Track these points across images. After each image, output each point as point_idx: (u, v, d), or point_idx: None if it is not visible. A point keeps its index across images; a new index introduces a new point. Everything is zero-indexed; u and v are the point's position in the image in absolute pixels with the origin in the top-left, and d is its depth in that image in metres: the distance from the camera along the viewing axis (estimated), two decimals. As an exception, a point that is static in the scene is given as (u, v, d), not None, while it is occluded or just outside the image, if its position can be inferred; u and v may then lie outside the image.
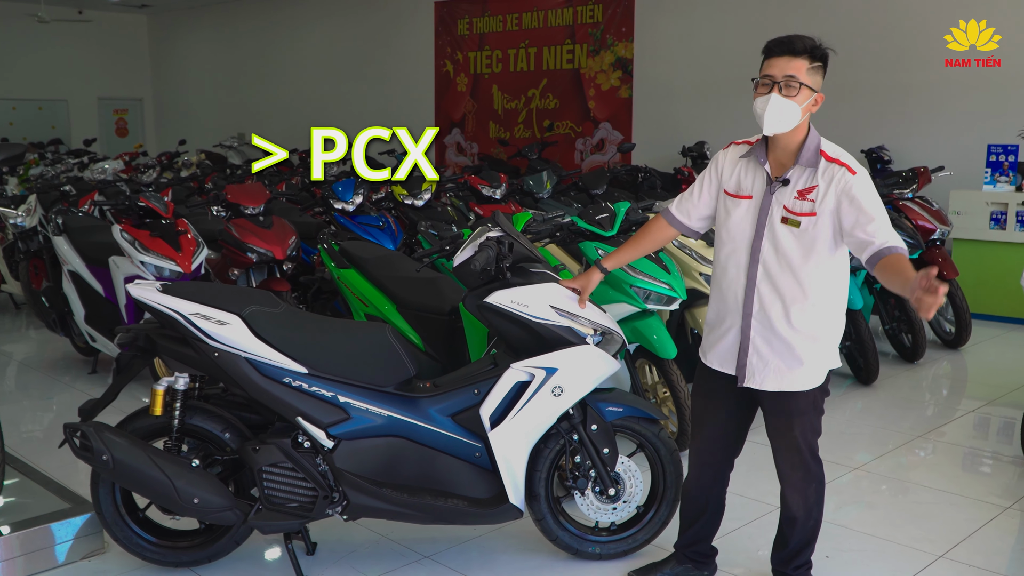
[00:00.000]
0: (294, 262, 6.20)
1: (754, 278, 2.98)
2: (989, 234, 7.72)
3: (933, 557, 3.66)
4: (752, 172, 3.03)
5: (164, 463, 3.22)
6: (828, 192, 2.86)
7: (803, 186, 2.91)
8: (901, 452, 4.90)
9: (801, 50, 2.87)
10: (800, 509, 3.14)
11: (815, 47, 2.90)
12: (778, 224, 2.93)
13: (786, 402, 3.04)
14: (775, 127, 2.89)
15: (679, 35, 11.07)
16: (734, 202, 3.05)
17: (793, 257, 2.92)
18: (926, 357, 6.58)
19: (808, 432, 3.06)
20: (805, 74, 2.87)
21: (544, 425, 3.36)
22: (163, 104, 19.63)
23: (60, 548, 3.67)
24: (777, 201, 2.94)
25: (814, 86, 2.90)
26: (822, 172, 2.88)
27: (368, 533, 3.85)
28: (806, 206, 2.89)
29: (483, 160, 12.44)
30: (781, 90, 2.86)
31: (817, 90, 2.91)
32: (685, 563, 3.46)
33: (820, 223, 2.88)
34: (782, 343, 2.97)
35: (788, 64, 2.87)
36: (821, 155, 2.91)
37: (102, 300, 6.08)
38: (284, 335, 3.29)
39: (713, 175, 3.16)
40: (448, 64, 13.76)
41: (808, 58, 2.88)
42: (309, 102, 15.97)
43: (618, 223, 4.74)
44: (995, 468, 4.74)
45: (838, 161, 2.89)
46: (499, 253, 3.33)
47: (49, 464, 4.50)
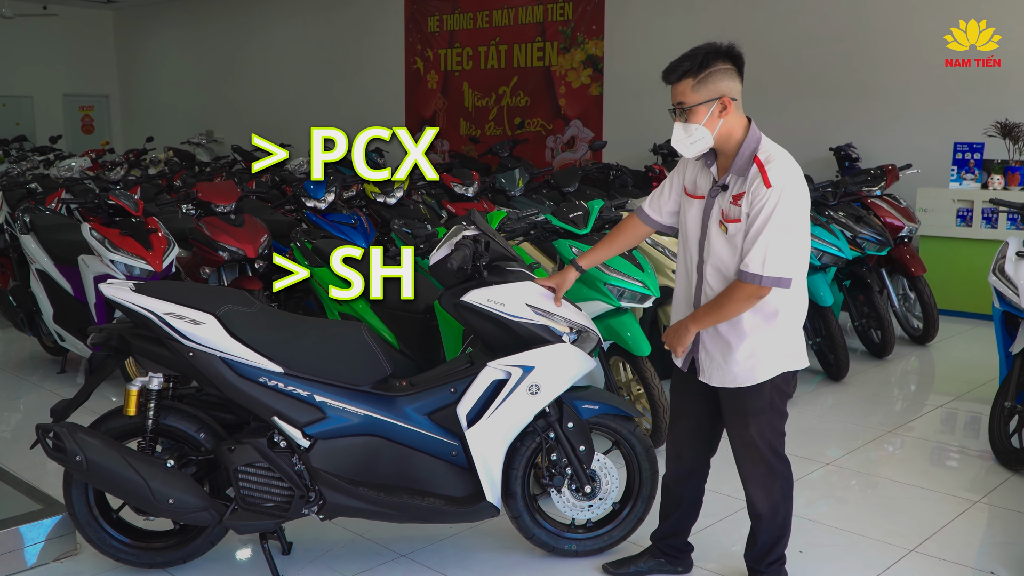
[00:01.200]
0: (266, 260, 6.16)
1: (703, 275, 3.07)
2: (956, 231, 7.84)
3: (904, 551, 3.71)
4: (704, 174, 3.11)
5: (138, 464, 3.19)
6: (749, 199, 2.91)
7: (736, 191, 2.96)
8: (871, 447, 4.96)
9: (679, 75, 2.93)
10: (765, 506, 3.16)
11: (692, 65, 2.90)
12: (716, 226, 3.01)
13: (739, 400, 3.08)
14: (687, 151, 3.01)
15: (649, 33, 11.11)
16: (688, 201, 3.15)
17: (727, 258, 2.99)
18: (895, 353, 6.67)
19: (767, 431, 3.08)
20: (691, 94, 2.91)
21: (521, 423, 3.37)
22: (130, 100, 19.39)
23: (31, 550, 3.62)
24: (717, 204, 3.02)
25: (709, 96, 2.91)
26: (751, 179, 2.92)
27: (344, 532, 3.84)
28: (735, 211, 2.95)
29: (454, 158, 12.41)
30: (680, 116, 2.95)
31: (716, 98, 2.91)
32: (659, 557, 3.49)
33: (743, 228, 2.93)
34: (722, 340, 3.05)
35: (675, 91, 2.96)
36: (754, 162, 2.93)
37: (71, 299, 6.01)
38: (259, 334, 3.27)
39: (679, 173, 3.25)
40: (418, 61, 13.72)
41: (690, 77, 2.91)
42: (279, 99, 15.86)
43: (592, 221, 4.76)
44: (963, 463, 4.82)
45: (762, 170, 2.89)
46: (475, 252, 3.33)
47: (18, 465, 4.45)
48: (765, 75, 9.99)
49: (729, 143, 2.98)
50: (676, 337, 3.10)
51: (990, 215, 7.69)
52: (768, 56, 9.99)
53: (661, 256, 5.06)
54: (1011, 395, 4.60)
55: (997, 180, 7.71)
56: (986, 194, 7.70)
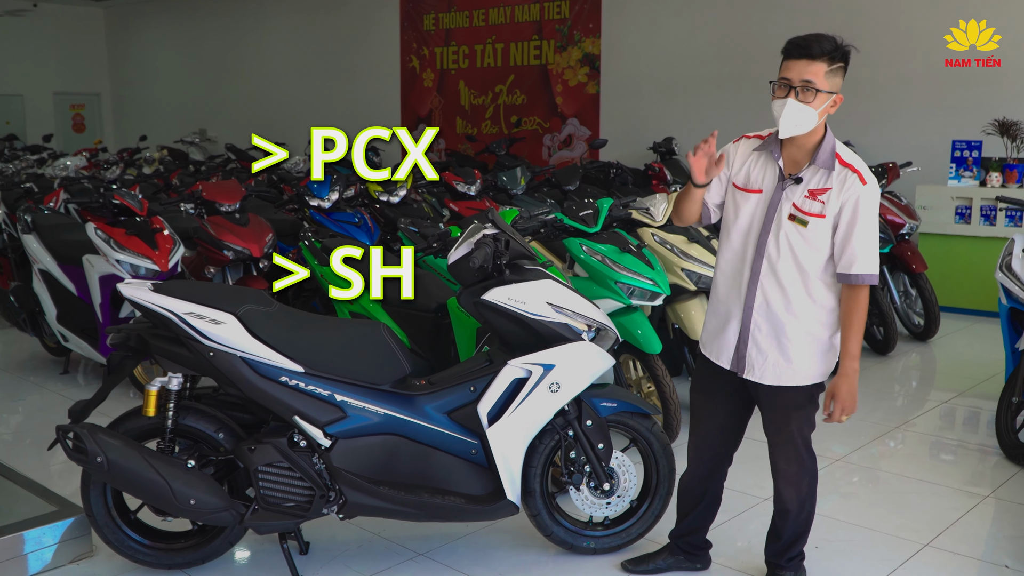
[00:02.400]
0: (270, 259, 6.14)
1: (758, 272, 3.00)
2: (954, 228, 7.89)
3: (919, 546, 3.74)
4: (763, 166, 3.04)
5: (160, 464, 3.18)
6: (838, 196, 2.89)
7: (815, 186, 2.93)
8: (877, 443, 4.99)
9: (819, 53, 2.86)
10: (793, 503, 3.19)
11: (835, 48, 2.87)
12: (785, 220, 2.95)
13: (783, 397, 3.08)
14: (791, 131, 2.91)
15: (646, 31, 11.13)
16: (743, 196, 3.06)
17: (799, 254, 2.94)
18: (896, 350, 6.70)
19: (804, 426, 3.11)
20: (823, 78, 2.86)
21: (541, 421, 3.37)
22: (121, 99, 19.29)
23: (46, 552, 3.61)
24: (787, 198, 2.96)
25: (833, 88, 2.89)
26: (836, 175, 2.90)
27: (359, 531, 3.84)
28: (816, 207, 2.91)
29: (450, 156, 12.40)
30: (798, 94, 2.86)
31: (836, 92, 2.90)
32: (678, 555, 3.50)
33: (826, 225, 2.91)
34: (783, 338, 3.00)
35: (806, 68, 2.86)
36: (836, 158, 2.92)
37: (74, 299, 5.98)
38: (280, 334, 3.27)
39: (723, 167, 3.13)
40: (414, 60, 13.71)
41: (827, 60, 2.86)
42: (273, 97, 15.81)
43: (601, 219, 4.77)
44: (969, 458, 4.85)
45: (851, 167, 2.90)
46: (496, 250, 3.34)
47: (25, 467, 4.42)
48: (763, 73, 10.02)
49: (812, 138, 2.95)
50: (849, 395, 2.96)
51: (989, 212, 7.74)
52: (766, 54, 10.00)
53: (669, 254, 5.07)
54: (1018, 390, 4.63)
55: (995, 178, 7.75)
56: (984, 192, 7.76)
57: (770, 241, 2.98)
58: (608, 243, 4.71)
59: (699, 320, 4.97)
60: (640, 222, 5.11)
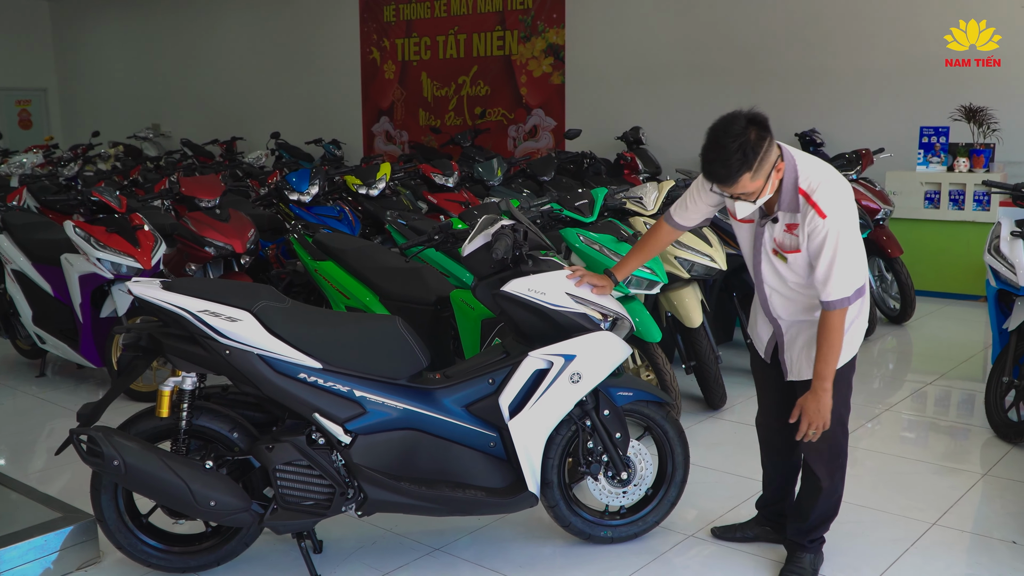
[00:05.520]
0: (252, 255, 6.04)
1: (764, 293, 3.17)
2: (924, 213, 8.04)
3: (927, 524, 3.80)
4: None
5: (178, 466, 3.11)
6: (805, 230, 2.94)
7: (789, 221, 2.99)
8: (868, 426, 5.06)
9: (737, 175, 2.80)
10: (826, 481, 3.24)
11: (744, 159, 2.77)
12: (769, 255, 3.08)
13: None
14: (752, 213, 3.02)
15: (610, 21, 11.15)
16: (737, 224, 3.17)
17: (789, 280, 3.08)
18: (875, 333, 6.81)
19: (839, 404, 3.14)
20: (751, 184, 2.84)
21: (562, 412, 3.36)
22: (69, 94, 18.80)
23: (50, 559, 3.51)
24: (768, 233, 3.06)
25: (768, 172, 2.85)
26: (802, 210, 2.94)
27: (372, 529, 3.79)
28: (792, 241, 2.99)
29: (414, 148, 12.33)
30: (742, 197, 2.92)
31: (773, 167, 2.86)
32: (764, 525, 3.61)
33: (804, 257, 2.99)
34: (801, 339, 3.15)
35: (733, 189, 2.87)
36: (799, 194, 2.93)
37: (51, 300, 5.83)
38: (296, 330, 3.20)
39: (703, 189, 3.21)
40: (375, 51, 13.57)
41: (746, 170, 2.79)
42: (230, 91, 15.53)
43: (597, 209, 4.77)
44: (961, 438, 4.95)
45: (812, 202, 2.90)
46: (515, 241, 3.32)
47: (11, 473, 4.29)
48: (727, 62, 10.11)
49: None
50: (817, 413, 3.01)
51: (957, 197, 7.90)
52: (730, 43, 10.11)
53: (664, 243, 5.08)
54: (1007, 370, 4.73)
55: (963, 163, 7.91)
56: (953, 177, 7.91)
57: (764, 268, 3.12)
58: (604, 232, 4.71)
59: (692, 308, 5.00)
60: (633, 211, 5.12)
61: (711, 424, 5.04)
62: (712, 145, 2.83)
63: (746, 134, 2.77)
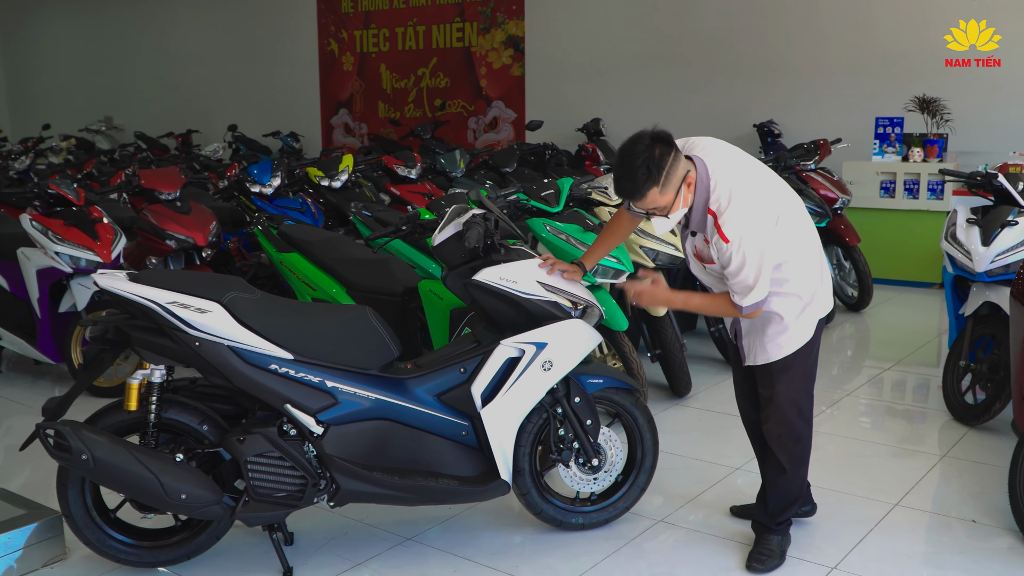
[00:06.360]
0: (214, 248, 5.98)
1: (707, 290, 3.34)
2: (879, 202, 8.18)
3: (889, 505, 3.88)
4: None
5: (148, 459, 3.08)
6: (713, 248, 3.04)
7: (706, 235, 3.08)
8: (831, 411, 5.15)
9: (644, 190, 2.92)
10: (788, 465, 3.29)
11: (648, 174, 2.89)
12: (695, 261, 3.22)
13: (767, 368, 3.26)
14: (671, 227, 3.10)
15: (570, 12, 11.17)
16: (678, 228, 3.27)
17: (721, 284, 3.17)
18: (833, 320, 6.93)
19: (791, 389, 3.21)
20: (661, 198, 2.94)
21: (534, 400, 3.38)
22: (15, 86, 18.38)
23: (13, 557, 3.45)
24: (690, 242, 3.20)
25: (675, 188, 2.95)
26: (710, 231, 3.04)
27: (342, 519, 3.79)
28: (709, 253, 3.10)
29: (373, 141, 12.26)
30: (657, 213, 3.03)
31: (683, 179, 2.96)
32: None
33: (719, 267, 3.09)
34: (758, 326, 3.21)
35: (643, 203, 2.98)
36: (708, 214, 3.02)
37: (6, 295, 5.72)
38: (267, 321, 3.19)
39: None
40: (332, 43, 13.45)
41: (654, 186, 2.91)
42: (185, 83, 15.29)
43: (563, 199, 4.79)
44: (919, 421, 5.06)
45: (716, 226, 2.99)
46: (486, 230, 3.32)
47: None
48: (687, 53, 10.18)
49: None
50: (650, 294, 3.24)
51: (912, 187, 8.05)
52: (689, 34, 10.18)
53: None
54: (964, 354, 4.84)
55: (917, 153, 8.06)
56: (907, 167, 8.06)
57: (695, 270, 3.28)
58: (570, 222, 4.73)
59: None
60: (598, 201, 5.15)
61: (677, 411, 5.10)
62: (620, 163, 2.96)
63: (651, 151, 2.88)
